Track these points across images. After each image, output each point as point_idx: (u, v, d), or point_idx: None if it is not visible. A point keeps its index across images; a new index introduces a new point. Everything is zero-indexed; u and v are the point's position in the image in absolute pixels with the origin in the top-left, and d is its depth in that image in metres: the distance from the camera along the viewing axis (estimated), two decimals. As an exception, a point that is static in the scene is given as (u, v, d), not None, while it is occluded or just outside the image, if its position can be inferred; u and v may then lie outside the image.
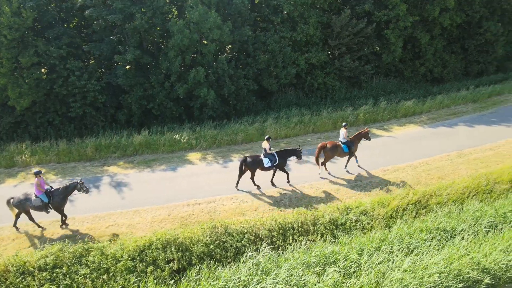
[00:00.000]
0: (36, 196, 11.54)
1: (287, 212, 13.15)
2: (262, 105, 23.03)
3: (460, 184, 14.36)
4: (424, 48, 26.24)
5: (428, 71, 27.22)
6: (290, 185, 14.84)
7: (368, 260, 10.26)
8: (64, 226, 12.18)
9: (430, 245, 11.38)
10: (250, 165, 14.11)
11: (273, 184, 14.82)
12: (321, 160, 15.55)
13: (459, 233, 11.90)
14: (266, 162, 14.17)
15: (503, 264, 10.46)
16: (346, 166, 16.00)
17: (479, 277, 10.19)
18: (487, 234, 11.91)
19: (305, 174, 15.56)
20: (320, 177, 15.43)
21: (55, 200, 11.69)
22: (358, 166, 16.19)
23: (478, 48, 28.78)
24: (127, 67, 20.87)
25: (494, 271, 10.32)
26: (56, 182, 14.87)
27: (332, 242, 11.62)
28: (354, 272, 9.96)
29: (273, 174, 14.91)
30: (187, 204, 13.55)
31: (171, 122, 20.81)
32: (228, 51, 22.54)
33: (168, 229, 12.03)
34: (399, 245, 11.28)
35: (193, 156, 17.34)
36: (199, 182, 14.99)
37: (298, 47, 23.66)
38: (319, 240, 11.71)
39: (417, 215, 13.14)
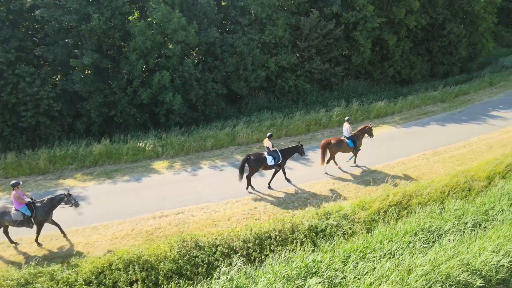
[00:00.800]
0: (16, 210, 10.27)
1: (262, 221, 12.17)
2: (232, 109, 22.08)
3: (439, 183, 13.94)
4: (392, 49, 26.33)
5: (396, 73, 27.32)
6: (290, 182, 14.29)
7: (353, 269, 9.41)
8: (38, 244, 10.85)
9: (414, 247, 10.74)
10: (253, 163, 13.34)
11: (269, 187, 14.12)
12: (326, 157, 15.01)
13: (445, 233, 11.35)
14: (270, 160, 13.55)
15: (493, 264, 9.92)
16: (355, 161, 15.81)
17: (470, 280, 9.59)
18: (471, 233, 11.43)
19: (278, 179, 14.64)
20: (325, 173, 15.15)
21: (39, 213, 10.45)
22: (350, 164, 15.86)
23: (442, 50, 29.29)
24: (86, 72, 19.39)
25: (485, 273, 9.75)
26: (2, 199, 13.20)
27: (313, 250, 10.72)
28: (339, 282, 9.06)
29: (273, 175, 14.18)
30: (153, 217, 12.28)
31: (135, 130, 19.42)
32: (195, 54, 21.50)
33: (131, 245, 10.75)
34: (381, 250, 10.54)
35: (159, 164, 16.06)
36: (166, 192, 13.75)
37: (267, 50, 22.97)
38: (299, 249, 10.79)
39: (398, 217, 12.53)
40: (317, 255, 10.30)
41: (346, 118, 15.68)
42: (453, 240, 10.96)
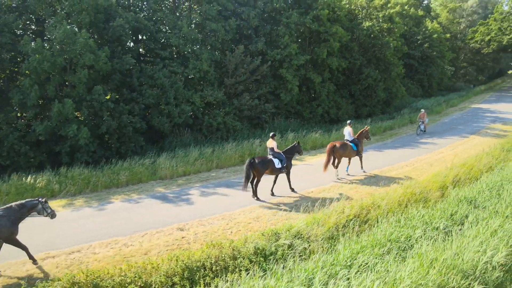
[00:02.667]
0: None
1: (194, 249, 9.09)
2: (154, 148, 19.09)
3: (395, 194, 12.34)
4: (318, 89, 26.37)
5: (325, 112, 27.18)
6: (293, 191, 13.23)
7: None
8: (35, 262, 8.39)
9: (389, 259, 8.49)
10: (260, 166, 12.14)
11: (273, 194, 12.95)
12: (332, 161, 14.67)
13: (416, 241, 9.37)
14: (277, 163, 12.50)
15: (485, 263, 8.00)
16: (362, 167, 15.80)
17: (465, 283, 7.48)
18: (445, 238, 9.61)
19: (213, 204, 11.88)
20: (337, 178, 14.80)
21: (3, 224, 7.80)
22: (363, 171, 15.80)
23: (363, 93, 30.39)
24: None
25: (478, 274, 7.75)
26: None
27: (264, 277, 7.86)
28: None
29: (274, 181, 13.12)
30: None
31: (28, 172, 15.34)
32: (108, 84, 18.72)
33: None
34: (354, 267, 8.12)
35: (54, 204, 12.22)
36: (59, 231, 10.05)
37: (191, 85, 21.19)
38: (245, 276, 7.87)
39: (360, 231, 10.37)
40: (270, 281, 7.50)
41: (348, 121, 15.96)
42: (428, 245, 9.02)
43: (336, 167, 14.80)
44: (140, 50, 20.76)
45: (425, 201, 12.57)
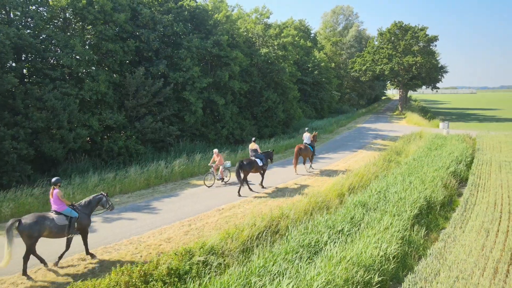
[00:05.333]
0: (57, 213, 8.62)
1: (100, 278, 8.25)
2: (44, 177, 17.01)
3: (301, 203, 13.11)
4: (222, 111, 26.89)
5: (230, 133, 27.72)
6: (263, 187, 16.17)
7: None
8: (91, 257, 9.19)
9: (300, 264, 8.88)
10: (247, 167, 15.13)
11: (262, 186, 16.17)
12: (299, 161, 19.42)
13: (325, 245, 10.01)
14: (259, 161, 15.58)
15: (382, 257, 8.93)
16: (310, 166, 20.17)
17: (368, 276, 8.20)
18: (347, 239, 10.48)
19: (118, 230, 11.04)
20: (308, 171, 19.42)
21: (83, 217, 8.99)
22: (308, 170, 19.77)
23: (264, 114, 31.98)
24: None
25: (377, 266, 8.60)
26: None
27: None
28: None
29: (262, 175, 16.42)
30: None
31: None
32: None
33: None
34: (267, 275, 8.29)
35: None
36: None
37: (87, 108, 19.74)
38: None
39: (272, 241, 10.67)
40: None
41: (306, 128, 22.07)
42: (335, 247, 9.72)
43: (304, 163, 19.64)
44: (25, 69, 18.65)
45: (327, 208, 13.59)
